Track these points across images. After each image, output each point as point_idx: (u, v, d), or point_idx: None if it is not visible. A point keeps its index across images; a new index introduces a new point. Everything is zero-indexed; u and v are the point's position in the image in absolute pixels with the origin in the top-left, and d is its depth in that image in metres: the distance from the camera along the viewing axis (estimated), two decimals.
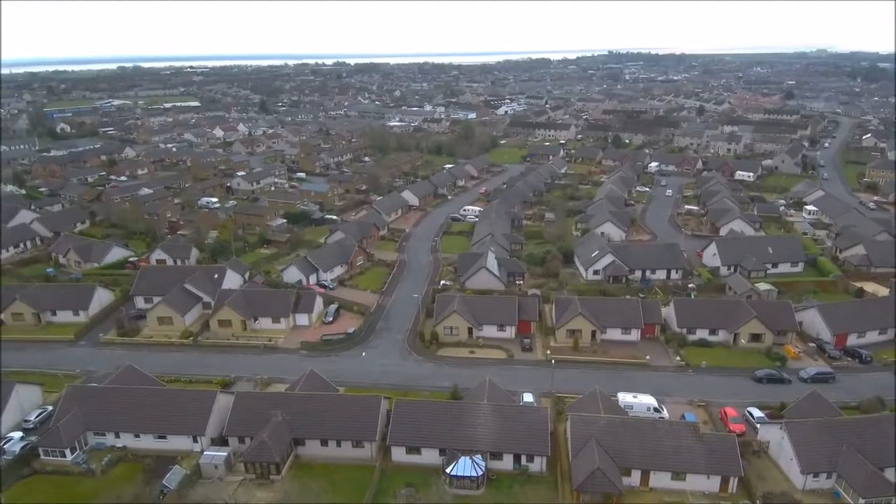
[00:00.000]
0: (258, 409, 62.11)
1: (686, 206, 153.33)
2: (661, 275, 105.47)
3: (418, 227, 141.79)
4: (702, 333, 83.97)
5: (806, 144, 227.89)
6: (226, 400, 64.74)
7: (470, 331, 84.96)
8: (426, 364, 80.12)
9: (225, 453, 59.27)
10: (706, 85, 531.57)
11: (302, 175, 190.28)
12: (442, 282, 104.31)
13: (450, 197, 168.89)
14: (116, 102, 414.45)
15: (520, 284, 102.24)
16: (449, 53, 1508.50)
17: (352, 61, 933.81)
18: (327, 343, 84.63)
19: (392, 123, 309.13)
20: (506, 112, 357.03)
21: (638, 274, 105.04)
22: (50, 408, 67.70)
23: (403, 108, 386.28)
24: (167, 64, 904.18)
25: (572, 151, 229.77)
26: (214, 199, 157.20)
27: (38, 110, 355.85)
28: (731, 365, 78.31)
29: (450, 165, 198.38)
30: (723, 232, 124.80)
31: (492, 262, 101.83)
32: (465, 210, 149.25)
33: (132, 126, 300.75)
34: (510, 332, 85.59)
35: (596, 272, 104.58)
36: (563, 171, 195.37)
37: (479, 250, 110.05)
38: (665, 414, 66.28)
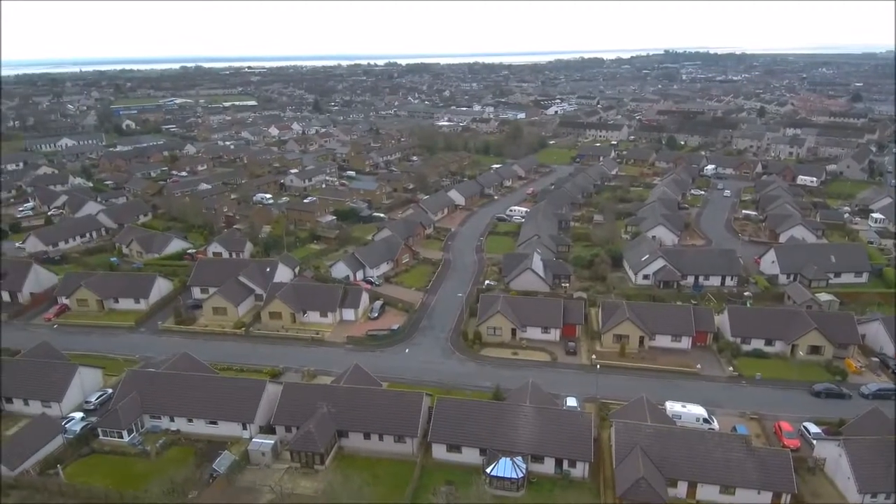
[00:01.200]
0: (305, 400, 63.69)
1: (744, 211, 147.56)
2: (715, 281, 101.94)
3: (464, 226, 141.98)
4: (757, 344, 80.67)
5: (873, 149, 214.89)
6: (274, 390, 66.68)
7: (513, 332, 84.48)
8: (468, 363, 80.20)
9: (272, 441, 61.10)
10: (768, 86, 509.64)
11: (352, 173, 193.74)
12: (486, 282, 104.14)
13: (496, 197, 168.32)
14: (179, 101, 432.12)
15: (565, 287, 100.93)
16: (499, 53, 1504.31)
17: (403, 61, 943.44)
18: (372, 338, 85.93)
19: (441, 123, 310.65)
20: (556, 112, 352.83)
21: (690, 280, 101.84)
22: (110, 390, 71.29)
23: (452, 107, 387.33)
24: (227, 64, 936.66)
25: (624, 153, 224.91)
26: (268, 196, 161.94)
27: (106, 107, 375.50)
28: (788, 378, 74.85)
29: (497, 165, 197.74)
30: (782, 239, 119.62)
31: (537, 263, 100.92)
32: (511, 210, 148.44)
33: (193, 124, 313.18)
34: (554, 334, 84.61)
35: (646, 277, 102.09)
36: (613, 172, 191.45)
37: (524, 251, 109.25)
38: (715, 425, 64.11)
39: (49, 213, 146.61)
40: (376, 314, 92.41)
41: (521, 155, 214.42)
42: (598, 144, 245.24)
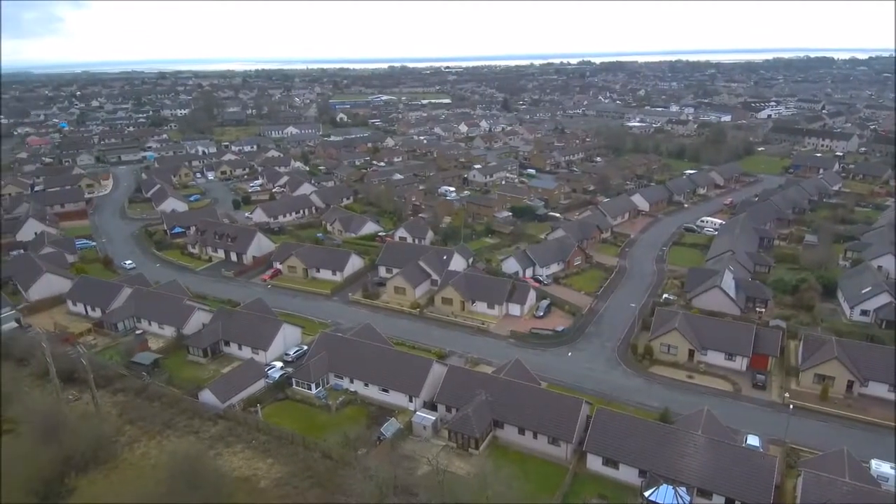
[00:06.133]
0: (466, 385, 66.20)
1: None
2: None
3: (645, 233, 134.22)
4: None
5: None
6: (439, 370, 70.33)
7: (691, 353, 77.94)
8: (635, 378, 76.08)
9: (433, 417, 64.71)
10: None
11: (532, 171, 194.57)
12: (665, 295, 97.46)
13: (686, 205, 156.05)
14: (384, 97, 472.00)
15: (760, 312, 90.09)
16: (706, 51, 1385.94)
17: (598, 60, 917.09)
18: (535, 336, 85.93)
19: (631, 124, 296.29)
20: (769, 116, 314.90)
21: None
22: (305, 347, 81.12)
23: (646, 107, 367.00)
24: (428, 64, 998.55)
25: (851, 166, 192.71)
26: (452, 189, 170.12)
27: (325, 101, 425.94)
28: None
29: (691, 171, 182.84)
30: None
31: (728, 281, 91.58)
32: (702, 221, 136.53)
33: (394, 119, 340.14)
34: (741, 363, 76.20)
35: (864, 313, 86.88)
36: (835, 188, 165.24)
37: (714, 267, 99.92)
38: None
39: (273, 190, 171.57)
40: (542, 313, 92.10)
41: (722, 161, 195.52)
42: (818, 155, 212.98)
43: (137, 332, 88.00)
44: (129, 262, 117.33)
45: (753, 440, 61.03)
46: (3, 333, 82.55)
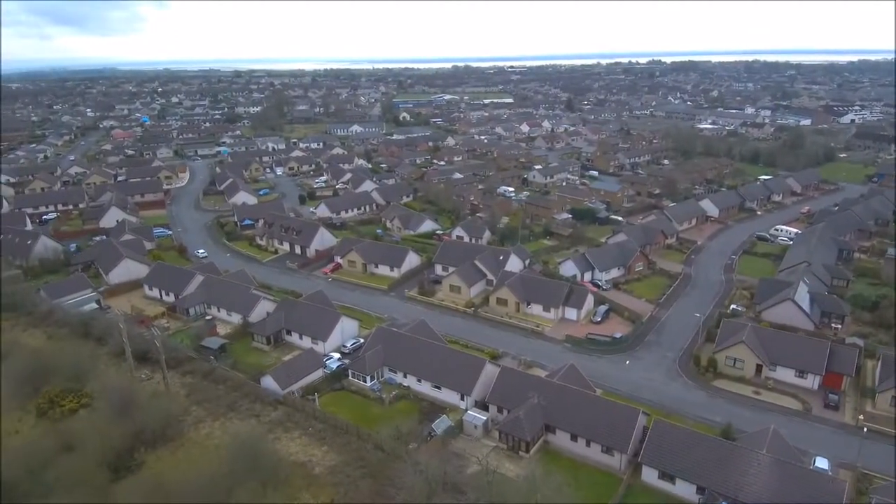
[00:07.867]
0: (518, 387, 65.78)
1: None
2: None
3: (714, 240, 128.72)
4: None
5: None
6: (492, 370, 70.15)
7: (758, 368, 74.20)
8: (697, 392, 73.19)
9: (484, 417, 64.66)
10: None
11: (594, 173, 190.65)
12: (732, 306, 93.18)
13: (759, 212, 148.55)
14: (447, 97, 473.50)
15: (836, 328, 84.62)
16: (785, 51, 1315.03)
17: (668, 59, 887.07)
18: (592, 342, 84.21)
19: (702, 126, 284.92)
20: (852, 121, 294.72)
21: None
22: (361, 340, 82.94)
23: (719, 109, 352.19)
24: (491, 64, 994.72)
25: None
26: (511, 189, 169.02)
27: (389, 100, 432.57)
28: None
29: (766, 177, 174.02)
30: None
31: (802, 294, 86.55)
32: (776, 229, 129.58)
33: (456, 118, 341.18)
34: (812, 381, 71.92)
35: None
36: None
37: (787, 278, 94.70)
38: None
39: (336, 187, 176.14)
40: (599, 318, 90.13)
41: (800, 167, 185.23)
42: None
43: (207, 317, 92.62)
44: (202, 251, 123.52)
45: (822, 463, 57.75)
46: (85, 314, 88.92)
